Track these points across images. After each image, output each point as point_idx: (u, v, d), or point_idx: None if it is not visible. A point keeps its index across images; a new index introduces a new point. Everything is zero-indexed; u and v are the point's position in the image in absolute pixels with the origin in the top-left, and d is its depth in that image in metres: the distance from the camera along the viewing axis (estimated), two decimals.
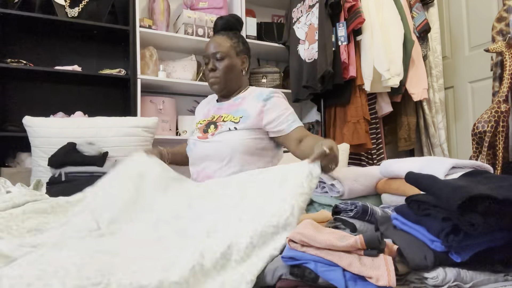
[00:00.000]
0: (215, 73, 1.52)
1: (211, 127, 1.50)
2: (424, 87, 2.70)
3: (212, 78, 1.53)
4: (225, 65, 1.50)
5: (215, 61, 1.51)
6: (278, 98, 1.49)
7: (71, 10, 2.52)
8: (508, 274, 0.79)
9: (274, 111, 1.45)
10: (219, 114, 1.54)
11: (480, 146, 2.15)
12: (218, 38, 1.54)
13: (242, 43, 1.57)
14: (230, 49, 1.52)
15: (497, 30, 2.27)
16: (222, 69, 1.51)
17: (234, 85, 1.56)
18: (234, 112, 1.50)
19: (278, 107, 1.46)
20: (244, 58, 1.57)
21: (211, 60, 1.52)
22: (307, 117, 3.28)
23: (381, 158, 2.67)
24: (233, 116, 1.48)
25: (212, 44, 1.53)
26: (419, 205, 0.82)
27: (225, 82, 1.53)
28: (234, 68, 1.53)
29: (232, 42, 1.54)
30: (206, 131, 1.50)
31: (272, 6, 3.25)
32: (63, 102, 2.61)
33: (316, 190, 1.49)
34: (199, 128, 1.56)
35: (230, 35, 1.55)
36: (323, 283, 0.72)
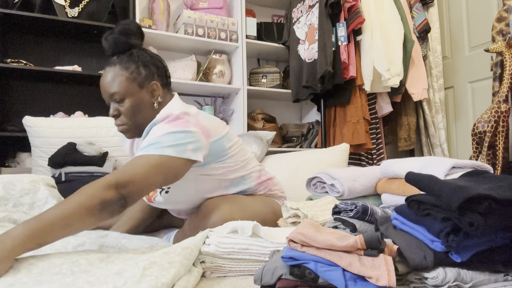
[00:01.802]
0: (120, 120, 1.20)
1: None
2: (424, 87, 2.71)
3: (120, 126, 1.21)
4: (129, 107, 1.18)
5: (115, 104, 1.19)
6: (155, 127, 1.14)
7: (71, 10, 2.52)
8: (508, 274, 0.79)
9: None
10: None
11: (480, 146, 2.15)
12: (110, 72, 1.18)
13: (143, 67, 1.20)
14: (129, 83, 1.17)
15: (497, 30, 2.27)
16: (126, 113, 1.19)
17: (148, 123, 1.20)
18: None
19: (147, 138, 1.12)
20: (153, 86, 1.22)
21: (111, 104, 1.21)
22: (307, 117, 3.29)
23: (381, 158, 2.67)
24: None
25: (105, 82, 1.18)
26: (419, 205, 0.82)
27: (136, 126, 1.21)
28: (141, 106, 1.19)
29: (128, 73, 1.18)
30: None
31: (272, 6, 3.25)
32: (63, 102, 2.61)
33: (316, 190, 1.49)
34: None
35: (123, 62, 1.19)
36: (323, 283, 0.72)
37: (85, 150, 1.83)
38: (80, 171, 1.78)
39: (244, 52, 2.77)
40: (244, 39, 2.78)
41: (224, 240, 0.93)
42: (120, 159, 1.97)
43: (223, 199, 1.27)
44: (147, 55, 1.23)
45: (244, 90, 2.75)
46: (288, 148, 2.89)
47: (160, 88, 1.24)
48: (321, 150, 2.30)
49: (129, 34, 1.20)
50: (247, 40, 2.80)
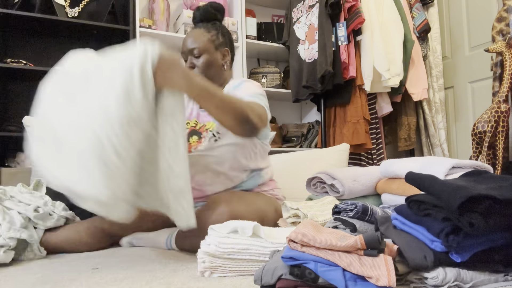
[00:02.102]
0: (194, 71, 1.40)
1: (194, 138, 1.42)
2: (424, 87, 2.71)
3: None
4: (204, 62, 1.39)
5: (193, 58, 1.40)
6: (248, 83, 1.40)
7: (71, 10, 2.52)
8: (508, 274, 0.79)
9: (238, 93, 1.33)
10: (202, 122, 1.44)
11: (480, 146, 2.15)
12: (195, 32, 1.41)
13: (221, 35, 1.44)
14: (208, 43, 1.40)
15: (497, 30, 2.27)
16: (200, 67, 1.39)
17: (216, 82, 1.41)
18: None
19: (243, 89, 1.35)
20: (225, 52, 1.45)
21: (189, 57, 1.41)
22: (307, 117, 3.29)
23: (381, 158, 2.67)
24: (214, 124, 1.40)
25: (189, 39, 1.40)
26: (419, 205, 0.82)
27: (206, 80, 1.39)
28: (214, 63, 1.41)
29: (210, 35, 1.41)
30: (188, 141, 1.42)
31: (272, 6, 3.25)
32: None
33: (316, 190, 1.49)
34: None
35: (208, 28, 1.42)
36: (323, 283, 0.72)
37: None
38: None
39: (244, 52, 2.77)
40: (244, 39, 2.78)
41: (224, 240, 0.93)
42: None
43: (228, 193, 1.31)
44: (225, 29, 1.48)
45: None
46: (288, 148, 2.89)
47: (229, 56, 1.46)
48: (321, 150, 2.30)
49: (216, 9, 1.47)
50: (247, 40, 2.80)
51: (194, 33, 1.41)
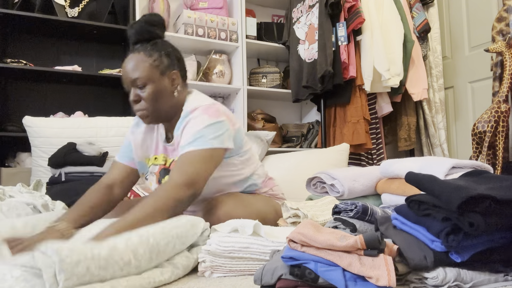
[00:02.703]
0: (141, 105, 1.22)
1: (165, 179, 1.29)
2: (424, 87, 2.71)
3: (139, 111, 1.23)
4: (150, 93, 1.20)
5: (137, 90, 1.21)
6: (192, 120, 1.21)
7: (71, 10, 2.52)
8: (508, 274, 0.79)
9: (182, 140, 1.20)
10: (171, 157, 1.31)
11: (480, 146, 2.15)
12: (134, 58, 1.21)
13: (166, 56, 1.25)
14: (151, 70, 1.21)
15: (497, 30, 2.27)
16: (147, 99, 1.21)
17: (168, 111, 1.26)
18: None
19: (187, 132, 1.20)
20: (173, 75, 1.26)
21: (132, 89, 1.22)
22: (307, 117, 3.29)
23: (381, 158, 2.67)
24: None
25: (128, 67, 1.21)
26: (419, 205, 0.82)
27: (156, 112, 1.24)
28: (162, 93, 1.23)
29: (151, 60, 1.21)
30: (161, 182, 1.30)
31: (272, 6, 3.25)
32: (63, 102, 2.61)
33: (316, 190, 1.49)
34: (154, 173, 1.33)
35: (147, 50, 1.22)
36: (323, 283, 0.72)
37: (85, 150, 1.83)
38: (80, 171, 1.78)
39: (244, 52, 2.77)
40: (244, 39, 2.78)
41: (224, 239, 0.93)
42: None
43: (227, 196, 1.29)
44: (169, 46, 1.29)
45: (244, 90, 2.75)
46: (288, 148, 2.89)
47: (179, 78, 1.28)
48: (321, 150, 2.31)
49: (154, 24, 1.26)
50: (247, 40, 2.80)
51: (133, 59, 1.21)
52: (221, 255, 0.92)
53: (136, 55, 1.22)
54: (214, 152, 1.18)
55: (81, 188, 1.61)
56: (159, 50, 1.24)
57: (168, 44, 1.30)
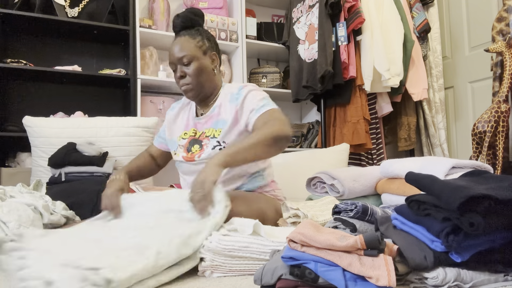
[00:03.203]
0: (186, 80, 1.39)
1: (195, 147, 1.41)
2: (424, 87, 2.71)
3: (184, 86, 1.40)
4: (194, 69, 1.37)
5: (183, 67, 1.38)
6: (248, 91, 1.40)
7: (71, 10, 2.52)
8: (508, 274, 0.79)
9: (246, 108, 1.37)
10: (201, 130, 1.45)
11: (480, 146, 2.15)
12: (180, 40, 1.39)
13: (207, 40, 1.43)
14: (196, 49, 1.38)
15: (497, 30, 2.27)
16: (192, 74, 1.38)
17: (208, 87, 1.43)
18: (214, 124, 1.42)
19: (249, 101, 1.37)
20: (213, 56, 1.44)
21: (178, 67, 1.39)
22: (307, 117, 3.29)
23: (381, 158, 2.67)
24: (214, 130, 1.41)
25: (175, 48, 1.39)
26: (419, 205, 0.82)
27: (199, 87, 1.40)
28: (204, 69, 1.40)
29: (195, 41, 1.39)
30: (190, 150, 1.42)
31: (272, 6, 3.25)
32: (63, 102, 2.61)
33: (316, 190, 1.49)
34: (182, 145, 1.46)
35: (192, 34, 1.41)
36: (323, 283, 0.72)
37: (85, 150, 1.83)
38: (80, 171, 1.78)
39: (244, 52, 2.77)
40: (244, 39, 2.78)
41: (225, 237, 0.93)
42: (120, 159, 1.96)
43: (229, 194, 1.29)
44: (209, 33, 1.48)
45: None
46: (288, 148, 2.89)
47: (217, 59, 1.46)
48: (321, 150, 2.31)
49: (196, 15, 1.46)
50: (247, 40, 2.80)
51: (180, 41, 1.39)
52: (221, 253, 0.92)
53: (182, 38, 1.40)
54: (282, 112, 1.37)
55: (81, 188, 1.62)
56: (202, 34, 1.43)
57: (208, 31, 1.49)
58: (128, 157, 1.98)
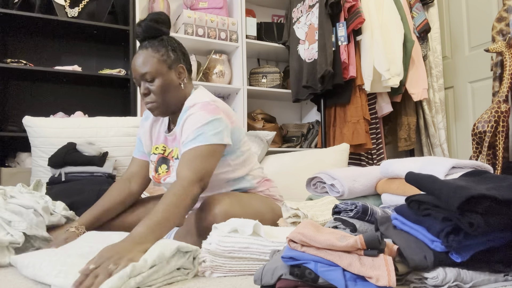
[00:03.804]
0: (150, 98, 1.29)
1: (163, 167, 1.36)
2: (424, 87, 2.71)
3: (149, 104, 1.31)
4: (159, 86, 1.28)
5: (146, 83, 1.29)
6: (188, 116, 1.27)
7: (71, 10, 2.52)
8: (508, 274, 0.79)
9: (183, 136, 1.26)
10: (170, 147, 1.38)
11: (480, 146, 2.15)
12: (142, 54, 1.29)
13: (172, 51, 1.32)
14: (159, 65, 1.28)
15: (497, 30, 2.27)
16: (156, 92, 1.28)
17: (175, 103, 1.33)
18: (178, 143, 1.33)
19: (185, 129, 1.25)
20: (179, 68, 1.33)
21: (142, 83, 1.30)
22: (307, 117, 3.29)
23: (381, 158, 2.67)
24: (179, 150, 1.32)
25: (137, 63, 1.29)
26: (419, 205, 0.82)
27: (164, 104, 1.31)
28: (170, 85, 1.30)
29: (159, 55, 1.29)
30: (157, 171, 1.37)
31: (272, 6, 3.25)
32: (63, 102, 2.61)
33: (316, 190, 1.49)
34: (153, 161, 1.40)
35: (155, 46, 1.30)
36: (323, 283, 0.72)
37: (85, 150, 1.83)
38: (80, 171, 1.78)
39: (244, 52, 2.77)
40: (244, 39, 2.78)
41: (224, 239, 0.93)
42: (120, 159, 1.97)
43: (223, 194, 1.30)
44: (175, 41, 1.36)
45: (244, 90, 2.75)
46: (288, 148, 2.89)
47: (185, 71, 1.36)
48: (321, 150, 2.30)
49: (160, 22, 1.33)
50: (247, 40, 2.80)
51: (142, 55, 1.29)
52: (221, 255, 0.92)
53: (144, 51, 1.30)
54: (216, 148, 1.23)
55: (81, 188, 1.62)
56: (166, 45, 1.31)
57: (174, 40, 1.36)
58: (128, 157, 1.99)
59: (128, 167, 1.49)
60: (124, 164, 1.98)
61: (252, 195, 1.39)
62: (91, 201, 1.54)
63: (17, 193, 1.34)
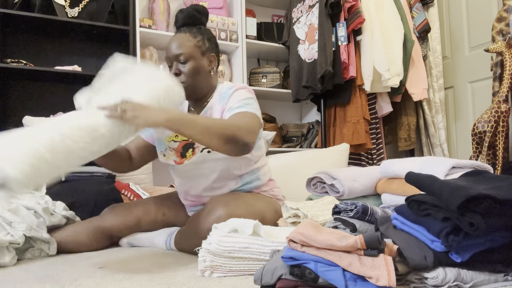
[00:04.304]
0: (180, 78, 1.34)
1: (190, 152, 1.37)
2: (424, 87, 2.71)
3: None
4: (190, 68, 1.33)
5: (179, 64, 1.34)
6: (235, 90, 1.35)
7: (71, 10, 2.52)
8: (508, 274, 0.79)
9: (227, 106, 1.32)
10: None
11: (480, 146, 2.15)
12: (180, 36, 1.35)
13: (208, 40, 1.39)
14: (194, 49, 1.34)
15: (497, 30, 2.27)
16: (187, 73, 1.33)
17: (203, 88, 1.39)
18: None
19: (231, 100, 1.32)
20: (211, 57, 1.40)
21: (174, 63, 1.35)
22: (307, 117, 3.29)
23: (381, 158, 2.67)
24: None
25: (174, 44, 1.35)
26: (419, 205, 0.82)
27: (192, 87, 1.35)
28: (200, 70, 1.35)
29: (196, 40, 1.35)
30: (185, 156, 1.38)
31: (272, 6, 3.25)
32: (63, 102, 2.61)
33: (316, 190, 1.49)
34: (174, 148, 1.41)
35: (193, 32, 1.36)
36: (323, 283, 0.72)
37: None
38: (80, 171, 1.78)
39: (244, 52, 2.77)
40: (244, 39, 2.78)
41: (224, 238, 0.93)
42: None
43: (228, 195, 1.31)
44: (211, 33, 1.44)
45: None
46: (288, 148, 2.89)
47: (216, 61, 1.42)
48: (321, 150, 2.31)
49: (200, 12, 1.41)
50: (247, 40, 2.80)
51: (179, 38, 1.35)
52: (221, 255, 0.92)
53: (182, 34, 1.36)
54: (258, 118, 1.30)
55: (81, 188, 1.62)
56: (203, 33, 1.39)
57: (210, 32, 1.44)
58: None
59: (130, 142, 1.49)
60: None
61: (256, 196, 1.40)
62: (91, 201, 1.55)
63: None
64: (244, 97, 1.31)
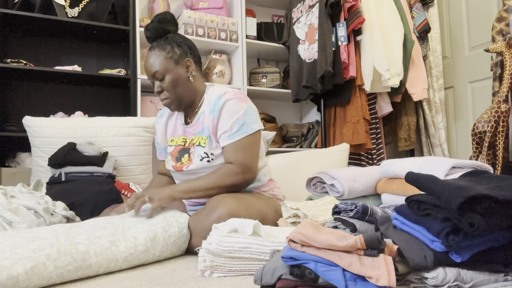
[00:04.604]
0: (164, 95, 1.39)
1: (185, 157, 1.43)
2: (424, 87, 2.71)
3: (164, 100, 1.41)
4: (169, 82, 1.37)
5: (158, 82, 1.39)
6: (225, 102, 1.36)
7: (71, 10, 2.52)
8: (508, 274, 0.79)
9: (221, 124, 1.36)
10: (189, 137, 1.46)
11: (480, 146, 2.15)
12: (151, 55, 1.39)
13: (177, 47, 1.40)
14: (166, 62, 1.37)
15: (497, 30, 2.27)
16: (168, 88, 1.37)
17: (188, 96, 1.43)
18: (200, 131, 1.42)
19: (225, 118, 1.35)
20: (187, 62, 1.41)
21: (154, 82, 1.40)
22: (307, 117, 3.29)
23: (381, 158, 2.67)
24: (200, 137, 1.41)
25: (148, 64, 1.39)
26: (419, 205, 0.82)
27: (178, 98, 1.40)
28: (179, 80, 1.38)
29: (165, 52, 1.37)
30: (180, 160, 1.43)
31: (272, 6, 3.25)
32: (63, 102, 2.61)
33: (316, 190, 1.49)
34: (171, 153, 1.48)
35: (161, 45, 1.38)
36: (323, 283, 0.72)
37: (85, 150, 1.83)
38: (80, 171, 1.78)
39: (244, 52, 2.77)
40: (244, 39, 2.78)
41: (224, 238, 0.93)
42: (120, 159, 1.97)
43: (229, 195, 1.30)
44: (179, 37, 1.43)
45: (244, 90, 2.75)
46: (288, 148, 2.89)
47: (193, 64, 1.43)
48: (321, 150, 2.30)
49: (165, 22, 1.41)
50: (247, 40, 2.81)
51: (151, 56, 1.38)
52: (221, 255, 0.92)
53: (152, 51, 1.39)
54: (258, 134, 1.37)
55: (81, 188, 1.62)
56: (171, 42, 1.39)
57: (179, 35, 1.44)
58: (128, 157, 1.98)
59: (159, 166, 1.66)
60: (124, 164, 1.98)
61: (257, 196, 1.40)
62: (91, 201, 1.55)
63: (18, 193, 1.35)
64: (238, 115, 1.35)
